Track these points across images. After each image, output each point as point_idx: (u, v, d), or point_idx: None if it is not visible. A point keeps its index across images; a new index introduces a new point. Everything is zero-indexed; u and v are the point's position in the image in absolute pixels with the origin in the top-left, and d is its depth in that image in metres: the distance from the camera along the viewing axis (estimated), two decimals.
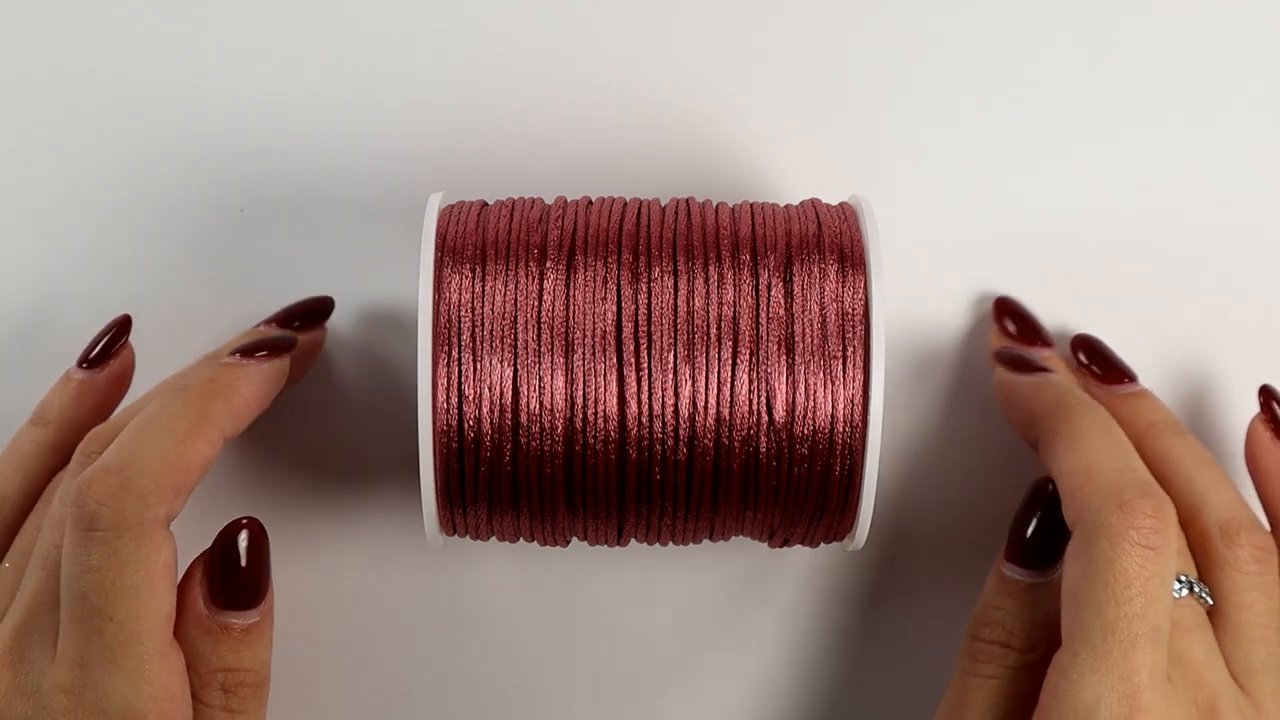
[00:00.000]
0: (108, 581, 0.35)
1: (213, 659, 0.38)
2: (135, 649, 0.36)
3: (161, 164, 0.45)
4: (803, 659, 0.47)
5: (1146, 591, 0.36)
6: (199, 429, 0.38)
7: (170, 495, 0.37)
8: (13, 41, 0.45)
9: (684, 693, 0.47)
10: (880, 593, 0.47)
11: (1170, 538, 0.36)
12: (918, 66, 0.46)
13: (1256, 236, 0.46)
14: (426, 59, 0.45)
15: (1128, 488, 0.37)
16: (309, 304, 0.44)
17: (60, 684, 0.36)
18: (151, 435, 0.38)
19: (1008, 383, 0.43)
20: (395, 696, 0.46)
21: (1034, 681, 0.39)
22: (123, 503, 0.36)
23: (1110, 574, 0.36)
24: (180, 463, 0.37)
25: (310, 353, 0.44)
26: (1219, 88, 0.46)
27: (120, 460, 0.36)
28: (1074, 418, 0.40)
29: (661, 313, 0.37)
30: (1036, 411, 0.41)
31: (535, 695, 0.46)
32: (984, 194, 0.46)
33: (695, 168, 0.45)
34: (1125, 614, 0.36)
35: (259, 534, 0.39)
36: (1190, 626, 0.39)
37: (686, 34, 0.45)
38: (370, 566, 0.46)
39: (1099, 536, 0.36)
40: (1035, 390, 0.42)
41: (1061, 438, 0.39)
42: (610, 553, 0.46)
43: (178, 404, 0.39)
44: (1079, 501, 0.37)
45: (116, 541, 0.36)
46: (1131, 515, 0.36)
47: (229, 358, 0.41)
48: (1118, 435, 0.39)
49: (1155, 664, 0.36)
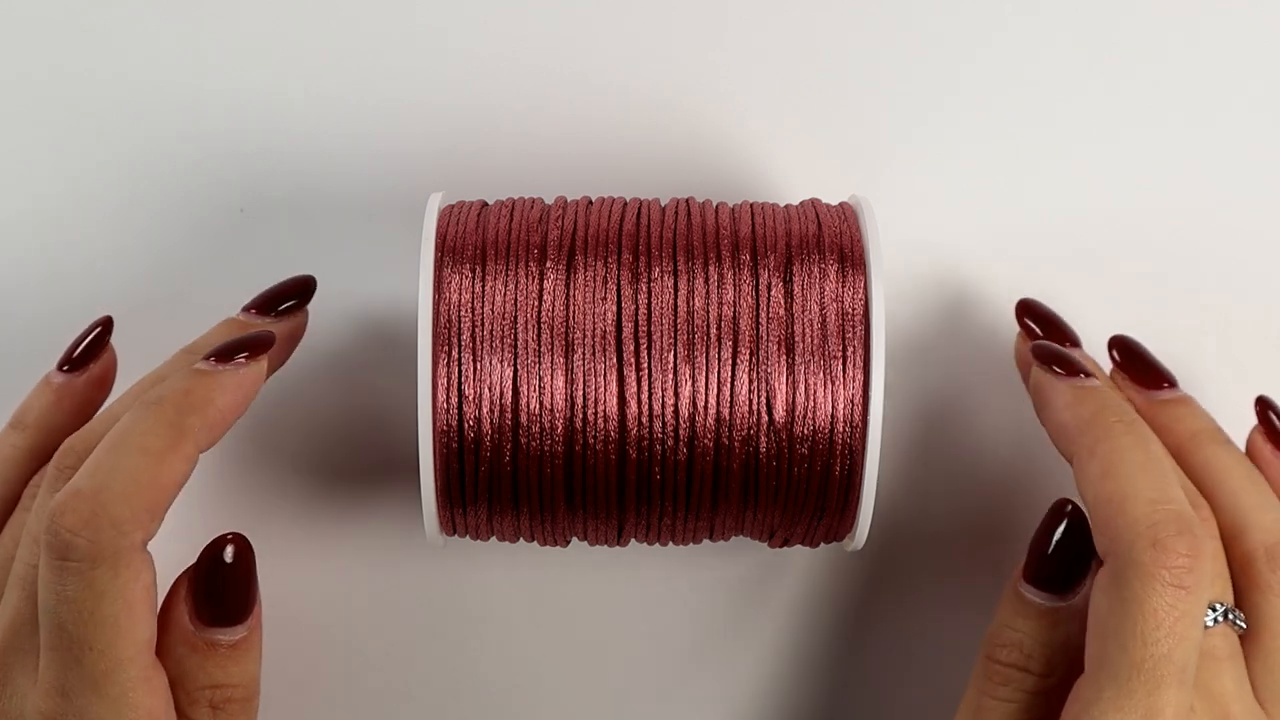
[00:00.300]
0: (85, 612, 0.35)
1: (200, 676, 0.37)
2: (118, 677, 0.35)
3: (162, 164, 0.45)
4: (803, 659, 0.47)
5: (1175, 632, 0.35)
6: (174, 447, 0.37)
7: (146, 519, 0.36)
8: (13, 41, 0.45)
9: (684, 692, 0.47)
10: (880, 593, 0.47)
11: (1203, 576, 0.35)
12: (918, 66, 0.46)
13: (1256, 236, 0.46)
14: (426, 59, 0.45)
15: (1162, 524, 0.35)
16: (290, 285, 0.43)
17: (42, 711, 0.35)
18: (125, 455, 0.36)
19: (1046, 387, 0.40)
20: (395, 696, 0.46)
21: (1050, 706, 0.38)
22: (97, 531, 0.35)
23: (1140, 614, 0.35)
24: (155, 484, 0.36)
25: (293, 338, 0.43)
26: (1219, 88, 0.46)
27: (94, 485, 0.35)
28: (1111, 438, 0.38)
29: (661, 313, 0.37)
30: (1073, 426, 0.39)
31: (535, 695, 0.46)
32: (984, 194, 0.46)
33: (695, 168, 0.45)
34: (1153, 654, 0.34)
35: (245, 549, 0.38)
36: (1221, 656, 0.38)
37: (686, 34, 0.45)
38: (370, 566, 0.46)
39: (1129, 574, 0.35)
40: (1075, 399, 0.39)
41: (1097, 459, 0.37)
42: (610, 553, 0.46)
43: (151, 420, 0.37)
44: (1111, 533, 0.36)
45: (92, 571, 0.34)
46: (1164, 554, 0.35)
47: (204, 364, 0.39)
48: (1157, 460, 0.37)
49: (1180, 703, 0.35)
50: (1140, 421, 0.39)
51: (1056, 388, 0.40)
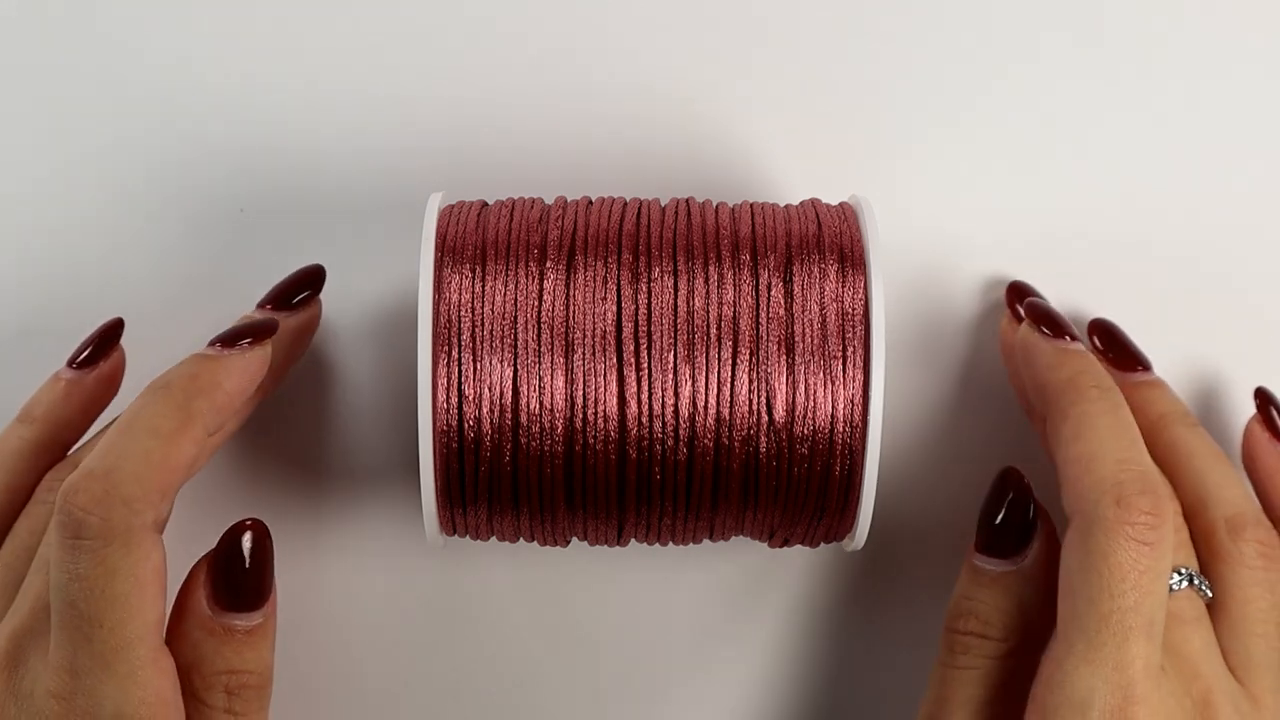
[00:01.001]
0: (97, 589, 0.35)
1: (216, 661, 0.38)
2: (127, 655, 0.35)
3: (161, 164, 0.45)
4: (803, 659, 0.47)
5: (1141, 585, 0.36)
6: (184, 429, 0.38)
7: (157, 499, 0.37)
8: (12, 41, 0.45)
9: (684, 692, 0.47)
10: (880, 593, 0.47)
11: (1167, 533, 0.36)
12: (918, 66, 0.46)
13: (1256, 236, 0.46)
14: (427, 59, 0.45)
15: (1127, 482, 0.37)
16: (300, 276, 0.44)
17: (52, 690, 0.35)
18: (135, 437, 0.37)
19: (1030, 344, 0.42)
20: (395, 696, 0.46)
21: (1013, 671, 0.39)
22: (109, 510, 0.35)
23: (1106, 567, 0.36)
24: (166, 465, 0.37)
25: (308, 329, 0.44)
26: (1220, 88, 0.46)
27: (105, 465, 0.36)
28: (1084, 401, 0.39)
29: (661, 313, 0.37)
30: (1050, 386, 0.40)
31: (535, 695, 0.46)
32: (984, 194, 0.46)
33: (695, 168, 0.45)
34: (1120, 607, 0.36)
35: (263, 536, 0.39)
36: (1188, 619, 0.39)
37: (687, 34, 0.45)
38: (370, 567, 0.46)
39: (1095, 530, 0.36)
40: (1057, 360, 0.41)
41: (1069, 422, 0.39)
42: (610, 553, 0.46)
43: (160, 403, 0.38)
44: (1078, 491, 0.37)
45: (105, 549, 0.35)
46: (1128, 511, 0.36)
47: (209, 349, 0.40)
48: (1126, 424, 0.39)
49: (1149, 656, 0.36)
50: (1115, 389, 0.40)
51: (1040, 347, 0.41)
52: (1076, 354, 0.41)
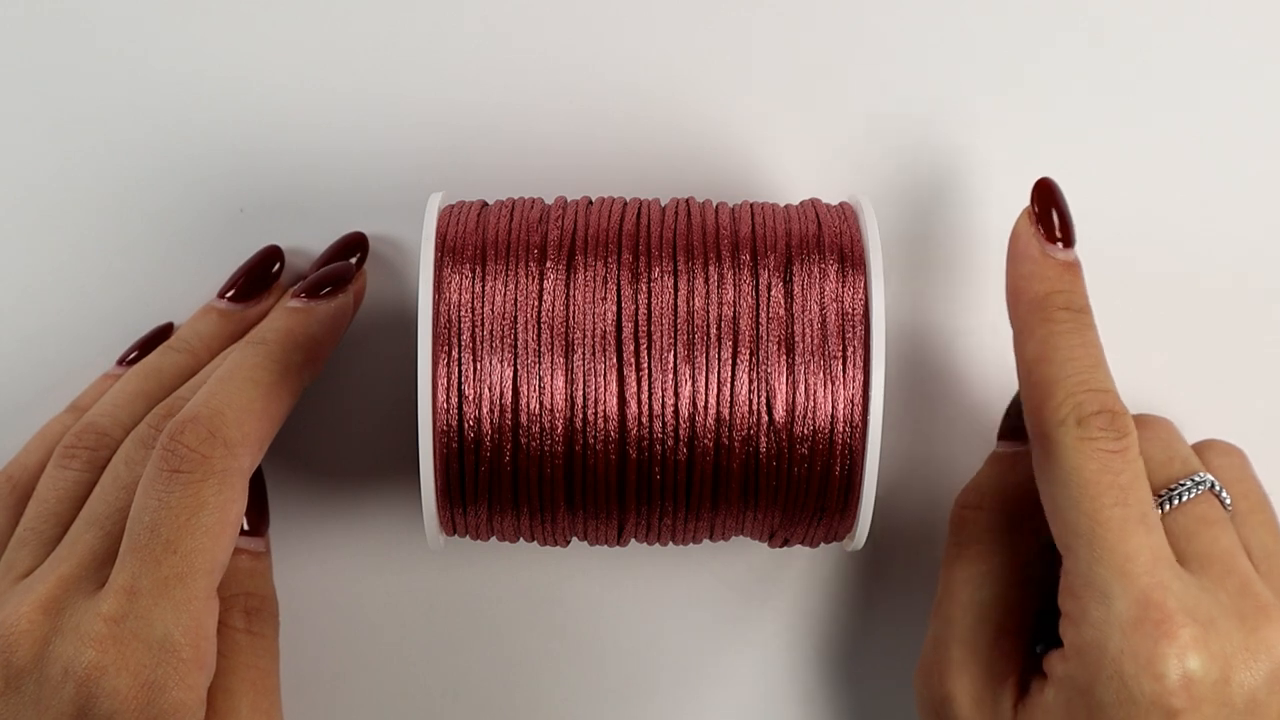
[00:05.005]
0: (183, 517, 0.36)
1: (232, 584, 0.40)
2: (188, 584, 0.36)
3: (161, 164, 0.45)
4: (802, 659, 0.47)
5: (1118, 485, 0.37)
6: (282, 380, 0.40)
7: (255, 447, 0.38)
8: (12, 40, 0.45)
9: (684, 692, 0.47)
10: (880, 593, 0.47)
11: (1131, 439, 0.37)
12: (917, 66, 0.46)
13: (1257, 235, 0.46)
14: (427, 59, 0.45)
15: (1085, 403, 0.38)
16: (345, 242, 0.45)
17: (103, 612, 0.36)
18: (238, 387, 0.39)
19: (1021, 239, 0.41)
20: (395, 696, 0.46)
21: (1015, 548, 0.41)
22: (212, 448, 0.37)
23: (1078, 481, 0.37)
24: (265, 413, 0.39)
25: (357, 298, 0.44)
26: (1221, 88, 0.46)
27: (210, 409, 0.37)
28: (1052, 322, 0.39)
29: (661, 313, 0.37)
30: (1023, 296, 0.40)
31: (535, 695, 0.46)
32: (984, 194, 0.46)
33: (695, 168, 0.45)
34: (1103, 505, 0.37)
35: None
36: (1213, 520, 0.39)
37: (687, 34, 0.45)
38: (370, 566, 0.46)
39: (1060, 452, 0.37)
40: (1038, 269, 0.40)
41: (1034, 341, 0.39)
42: (610, 553, 0.46)
43: (259, 355, 0.40)
44: (1039, 418, 0.38)
45: (201, 484, 0.37)
46: (1086, 429, 0.37)
47: (294, 301, 0.42)
48: (1090, 347, 0.39)
49: (1156, 547, 0.37)
50: (1087, 312, 0.40)
51: (1026, 250, 0.41)
52: (1057, 266, 0.40)
